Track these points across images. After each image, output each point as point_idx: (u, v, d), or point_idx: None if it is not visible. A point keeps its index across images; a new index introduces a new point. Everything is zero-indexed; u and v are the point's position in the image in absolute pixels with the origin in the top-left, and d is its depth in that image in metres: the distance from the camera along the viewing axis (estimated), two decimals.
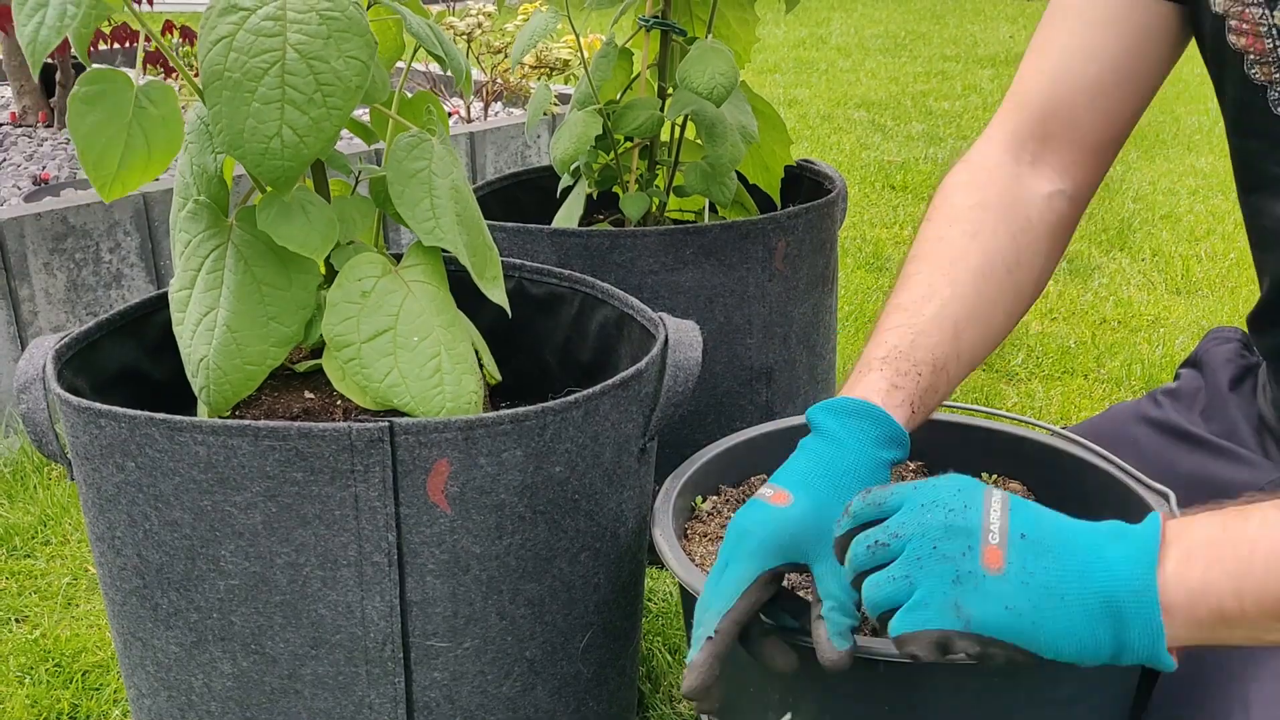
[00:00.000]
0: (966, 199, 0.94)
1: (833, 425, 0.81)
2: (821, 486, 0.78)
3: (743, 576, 0.76)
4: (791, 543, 0.77)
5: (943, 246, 0.91)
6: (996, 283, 0.90)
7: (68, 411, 0.90)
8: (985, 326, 0.90)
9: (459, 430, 0.86)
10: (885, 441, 0.81)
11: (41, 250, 1.85)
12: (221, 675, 0.91)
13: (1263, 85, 0.88)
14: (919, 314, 0.87)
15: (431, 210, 0.93)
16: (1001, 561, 0.65)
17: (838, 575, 0.75)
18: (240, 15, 0.82)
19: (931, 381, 0.85)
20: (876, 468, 0.80)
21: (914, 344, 0.85)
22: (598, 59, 1.45)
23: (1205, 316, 2.40)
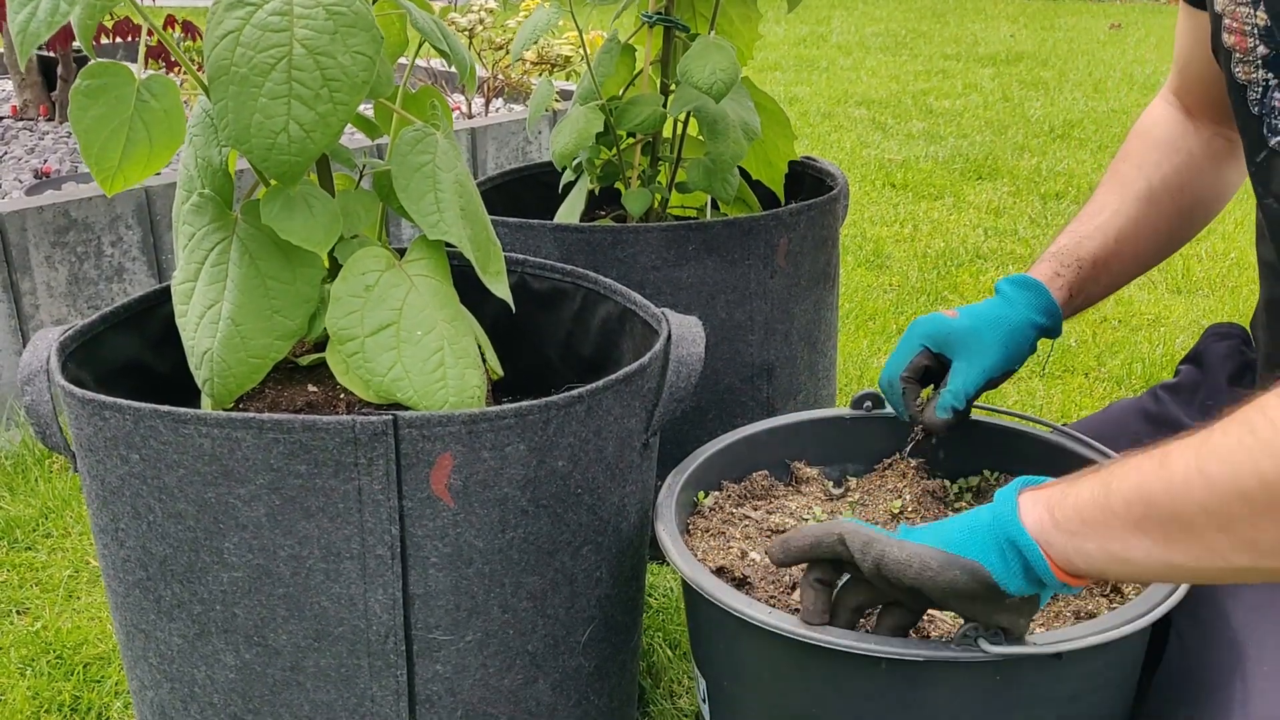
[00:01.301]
0: (1140, 142, 1.15)
1: (1009, 290, 1.07)
2: (981, 318, 1.05)
3: (909, 348, 1.07)
4: (946, 340, 1.06)
5: (1117, 177, 1.14)
6: (1157, 204, 1.12)
7: (72, 404, 0.90)
8: (1147, 237, 1.13)
9: (462, 424, 0.86)
10: (1040, 309, 1.07)
11: (43, 243, 1.86)
12: (224, 667, 0.92)
13: (1244, 84, 0.91)
14: (1087, 223, 1.12)
15: (436, 204, 0.93)
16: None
17: (960, 375, 1.04)
18: (247, 10, 0.82)
19: (1091, 273, 1.10)
20: (1027, 326, 1.06)
21: (1079, 244, 1.11)
22: (600, 55, 1.45)
23: (1205, 315, 2.40)
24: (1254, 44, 0.90)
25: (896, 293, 2.53)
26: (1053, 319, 1.07)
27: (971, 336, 1.04)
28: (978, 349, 1.04)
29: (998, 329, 1.04)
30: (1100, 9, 7.72)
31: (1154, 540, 0.69)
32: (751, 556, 0.98)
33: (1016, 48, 5.97)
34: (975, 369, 1.04)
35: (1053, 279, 1.08)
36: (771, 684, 0.89)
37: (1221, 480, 0.65)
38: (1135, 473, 0.70)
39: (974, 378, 1.04)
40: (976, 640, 0.79)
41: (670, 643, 1.37)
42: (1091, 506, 0.71)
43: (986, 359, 1.04)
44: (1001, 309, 1.06)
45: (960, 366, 1.04)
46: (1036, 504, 0.75)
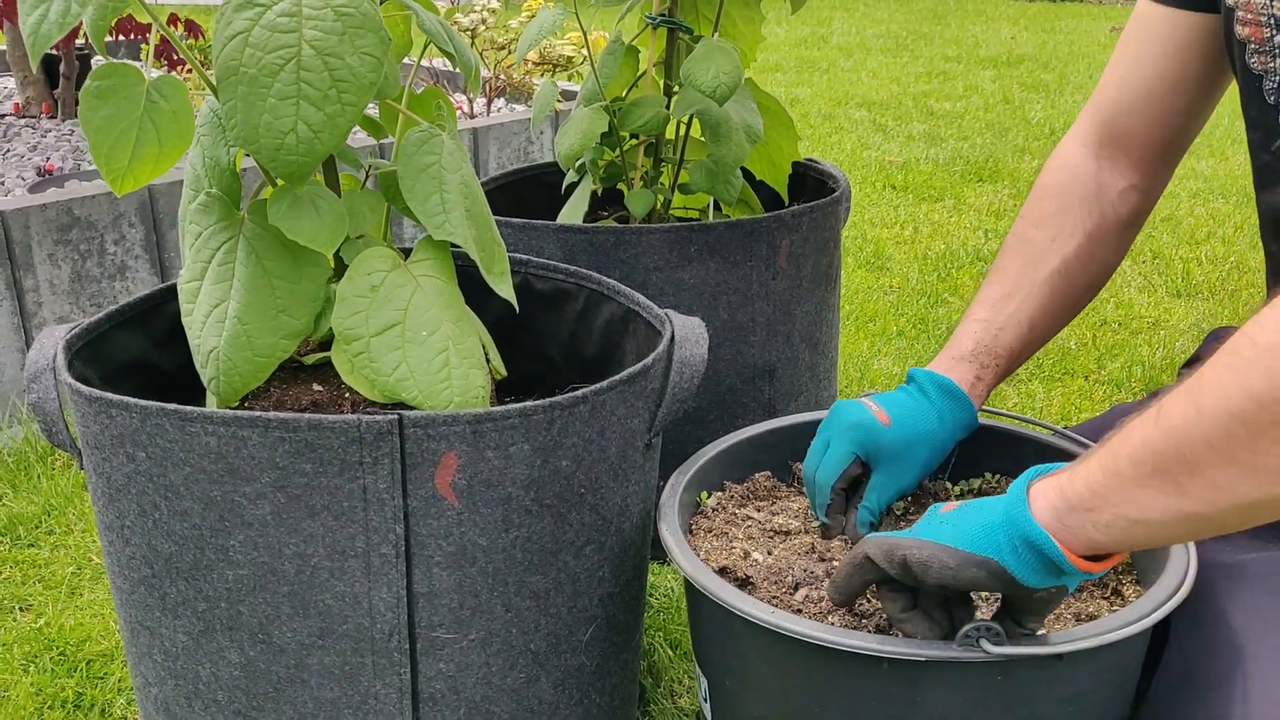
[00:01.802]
0: (1052, 203, 1.13)
1: (937, 398, 1.06)
2: (912, 430, 1.04)
3: (845, 456, 1.04)
4: (876, 452, 1.03)
5: (1027, 249, 1.12)
6: (1069, 280, 1.10)
7: (79, 401, 0.91)
8: (1055, 316, 1.12)
9: (467, 424, 0.87)
10: (964, 426, 1.07)
11: (46, 241, 1.86)
12: (229, 664, 0.92)
13: (1259, 74, 0.93)
14: (1001, 311, 1.10)
15: (441, 205, 0.94)
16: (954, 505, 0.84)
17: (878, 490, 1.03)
18: (256, 11, 0.82)
19: (1008, 367, 1.10)
20: (950, 439, 1.06)
21: (995, 339, 1.09)
22: (604, 56, 1.45)
23: (1205, 319, 2.41)
24: (1270, 33, 0.92)
25: (897, 294, 2.53)
26: (970, 431, 1.08)
27: (899, 453, 1.04)
28: (899, 468, 1.04)
29: (925, 447, 1.05)
30: (1101, 11, 7.72)
31: (1166, 493, 0.69)
32: (754, 557, 0.99)
33: (1017, 50, 5.98)
34: (891, 488, 1.05)
35: (975, 384, 1.08)
36: (773, 683, 0.89)
37: (1215, 409, 0.66)
38: (1137, 432, 0.71)
39: (889, 496, 1.05)
40: (978, 640, 0.79)
41: (671, 642, 1.37)
42: (1101, 475, 0.72)
43: (904, 479, 1.05)
44: (930, 422, 1.05)
45: (879, 481, 1.04)
46: (1047, 491, 0.76)
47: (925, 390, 1.06)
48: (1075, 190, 1.12)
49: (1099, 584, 0.97)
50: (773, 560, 0.98)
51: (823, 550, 1.00)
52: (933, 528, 0.81)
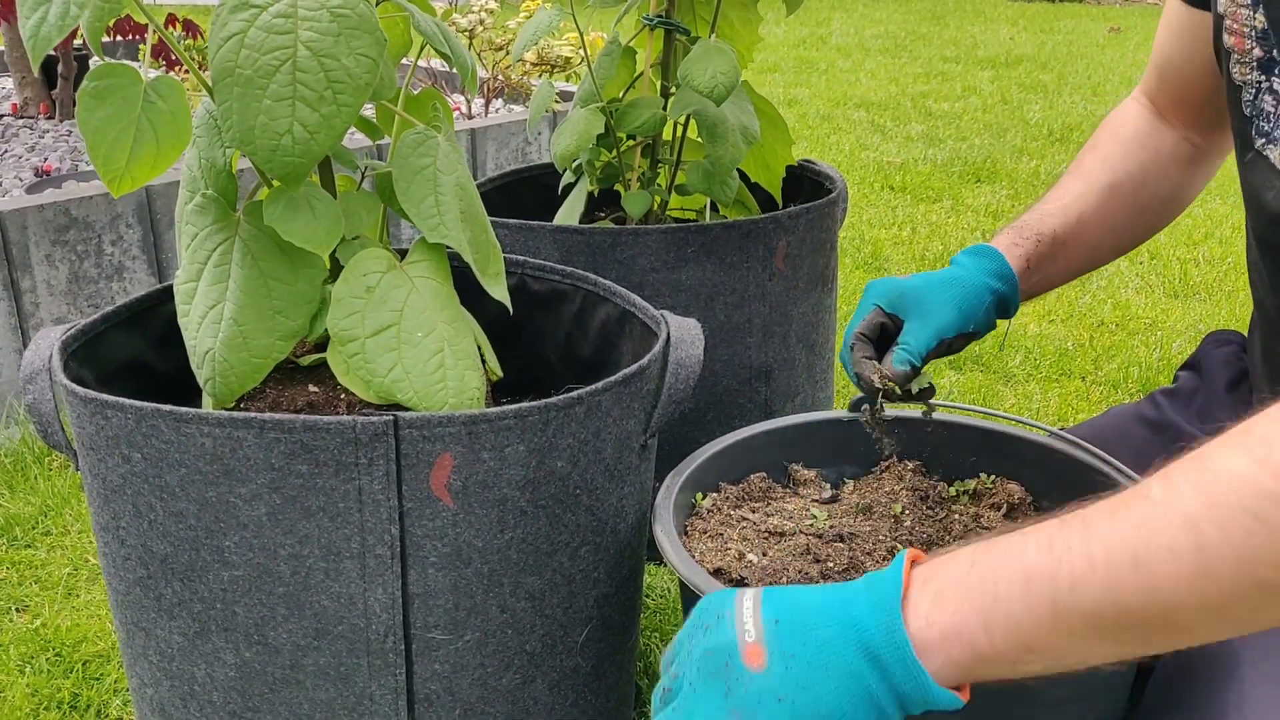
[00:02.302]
0: (1108, 135, 1.17)
1: (963, 259, 1.08)
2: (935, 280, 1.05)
3: (864, 308, 1.05)
4: (898, 300, 1.04)
5: (1082, 167, 1.15)
6: (1120, 195, 1.13)
7: (74, 402, 0.91)
8: (1106, 225, 1.13)
9: (462, 425, 0.87)
10: (995, 274, 1.06)
11: (43, 242, 1.86)
12: (224, 665, 0.92)
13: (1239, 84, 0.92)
14: (1050, 202, 1.13)
15: (436, 207, 0.94)
16: (762, 656, 0.64)
17: (913, 334, 1.02)
18: (252, 12, 0.82)
19: (1050, 250, 1.09)
20: (982, 289, 1.05)
21: (1040, 220, 1.11)
22: (601, 57, 1.45)
23: (1202, 320, 2.41)
24: (1250, 46, 0.91)
25: None
26: (1008, 285, 1.07)
27: (924, 295, 1.04)
28: (930, 308, 1.03)
29: (950, 289, 1.04)
30: (1099, 12, 7.73)
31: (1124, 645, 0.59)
32: (749, 558, 0.99)
33: (1016, 51, 5.98)
34: (928, 328, 1.03)
35: (1010, 248, 1.09)
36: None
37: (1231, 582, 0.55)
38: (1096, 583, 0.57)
39: (926, 336, 1.02)
40: None
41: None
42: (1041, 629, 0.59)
43: (939, 318, 1.03)
44: (955, 272, 1.06)
45: (913, 326, 1.03)
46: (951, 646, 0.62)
47: (955, 260, 1.09)
48: (1130, 128, 1.16)
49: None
50: (767, 562, 0.98)
51: (818, 552, 1.00)
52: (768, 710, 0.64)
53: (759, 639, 0.65)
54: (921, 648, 0.62)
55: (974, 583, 0.61)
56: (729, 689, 0.65)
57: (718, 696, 0.65)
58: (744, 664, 0.64)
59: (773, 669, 0.63)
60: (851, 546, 1.04)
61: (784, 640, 0.64)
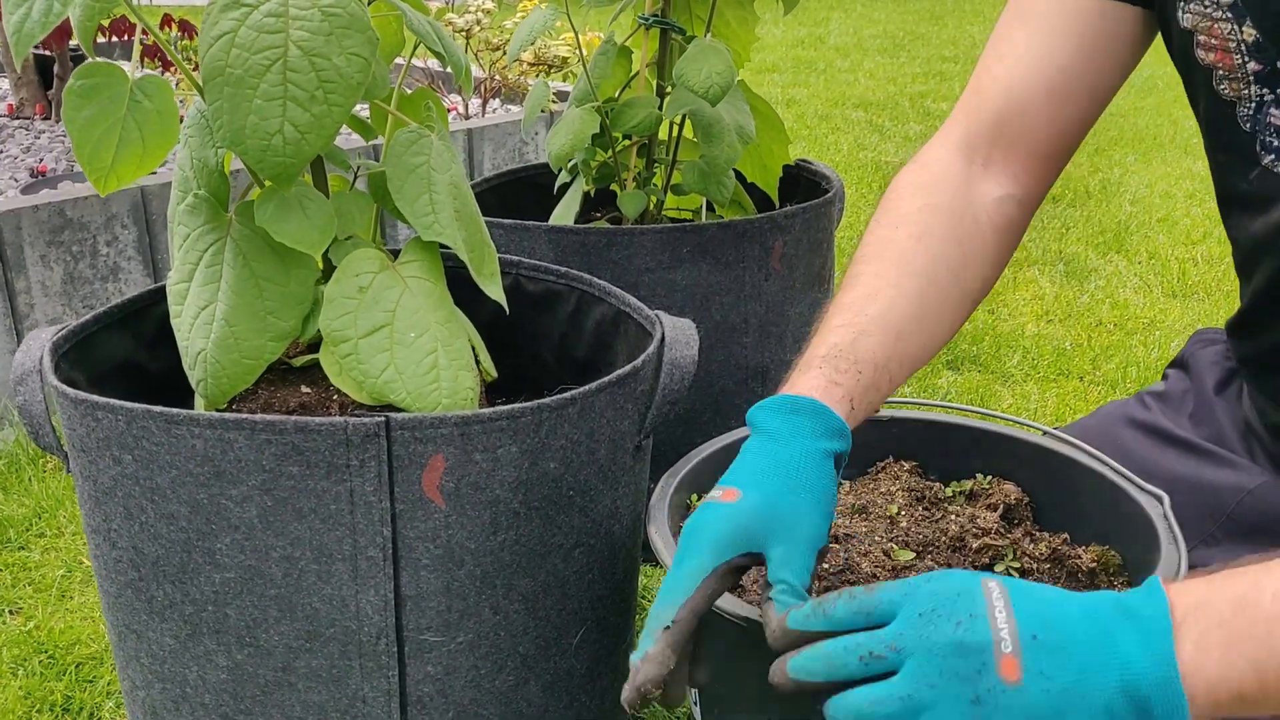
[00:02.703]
0: (915, 201, 0.93)
1: (773, 423, 0.80)
2: (769, 479, 0.77)
3: (700, 568, 0.74)
4: (745, 534, 0.75)
5: (889, 249, 0.91)
6: (940, 287, 0.90)
7: (65, 404, 0.91)
8: (928, 329, 0.90)
9: (455, 426, 0.86)
10: (825, 434, 0.79)
11: (38, 243, 1.86)
12: (216, 668, 0.92)
13: (1232, 101, 0.88)
14: (862, 314, 0.87)
15: (430, 205, 0.94)
16: (1018, 672, 0.61)
17: (788, 562, 0.74)
18: (242, 11, 0.82)
19: (872, 379, 0.84)
20: (821, 459, 0.78)
21: (855, 343, 0.85)
22: (597, 56, 1.45)
23: (1201, 319, 2.41)
24: (1241, 60, 0.85)
25: None
26: (844, 440, 0.81)
27: (769, 515, 0.75)
28: (786, 527, 0.75)
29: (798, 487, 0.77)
30: None
31: None
32: None
33: None
34: (801, 547, 0.75)
35: (829, 390, 0.82)
36: (760, 687, 0.89)
37: None
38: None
39: (804, 558, 0.75)
40: None
41: None
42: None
43: (807, 529, 0.76)
44: (783, 454, 0.78)
45: (777, 555, 0.75)
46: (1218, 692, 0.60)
47: (759, 425, 0.81)
48: (943, 189, 0.94)
49: (1090, 585, 0.96)
50: None
51: None
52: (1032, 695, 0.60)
53: (1015, 650, 0.61)
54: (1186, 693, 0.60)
55: (1244, 627, 0.60)
56: (978, 697, 0.61)
57: (964, 702, 0.61)
58: (999, 675, 0.61)
59: (1028, 688, 0.60)
60: (847, 547, 1.03)
61: (1042, 661, 0.61)
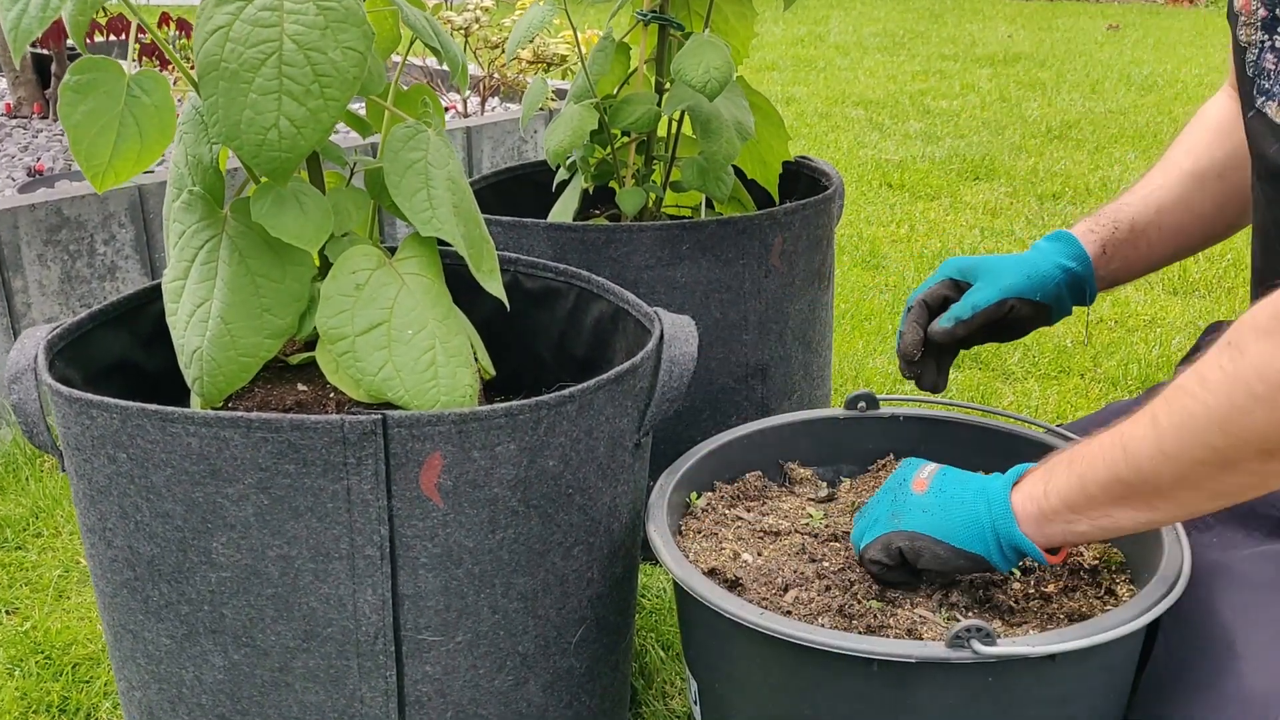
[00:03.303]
0: (1193, 127, 1.18)
1: (1039, 243, 1.13)
2: (1006, 258, 1.11)
3: (935, 277, 1.13)
4: (971, 268, 1.11)
5: (1165, 159, 1.17)
6: (1204, 183, 1.14)
7: (59, 402, 0.90)
8: (1191, 213, 1.14)
9: (452, 424, 0.86)
10: (1068, 254, 1.11)
11: (35, 242, 1.85)
12: (212, 668, 0.91)
13: (1244, 47, 0.96)
14: (1131, 194, 1.15)
15: (429, 201, 0.93)
16: (925, 486, 0.92)
17: (976, 291, 1.09)
18: (237, 5, 0.81)
19: (1129, 237, 1.13)
20: (1053, 266, 1.10)
21: (1118, 208, 1.14)
22: (595, 53, 1.44)
23: (1201, 316, 2.40)
24: (1256, 6, 0.94)
25: (892, 293, 2.52)
26: (1082, 265, 1.11)
27: (994, 262, 1.09)
28: (998, 272, 1.09)
29: (1021, 262, 1.09)
30: (1098, 10, 7.72)
31: (1137, 509, 0.81)
32: (744, 558, 0.98)
33: (1014, 48, 5.97)
34: (992, 287, 1.08)
35: (1086, 234, 1.12)
36: (762, 685, 0.88)
37: (1180, 455, 0.77)
38: (1101, 461, 0.81)
39: (987, 294, 1.08)
40: (969, 641, 0.78)
41: (663, 644, 1.36)
42: (1074, 495, 0.83)
43: (1005, 279, 1.08)
44: (1029, 253, 1.11)
45: (977, 286, 1.09)
46: (1026, 505, 0.86)
47: (1034, 245, 1.13)
48: (1215, 115, 1.16)
49: (1092, 583, 0.96)
50: (762, 561, 0.97)
51: (813, 551, 0.99)
52: (914, 515, 0.91)
53: (927, 478, 0.93)
54: (1014, 506, 0.87)
55: (1045, 468, 0.87)
56: (895, 499, 0.93)
57: (887, 503, 0.94)
58: (911, 488, 0.93)
59: (928, 493, 0.91)
60: (848, 546, 1.02)
61: (941, 481, 0.92)
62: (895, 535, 0.91)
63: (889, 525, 0.92)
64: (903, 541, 0.90)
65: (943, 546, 0.89)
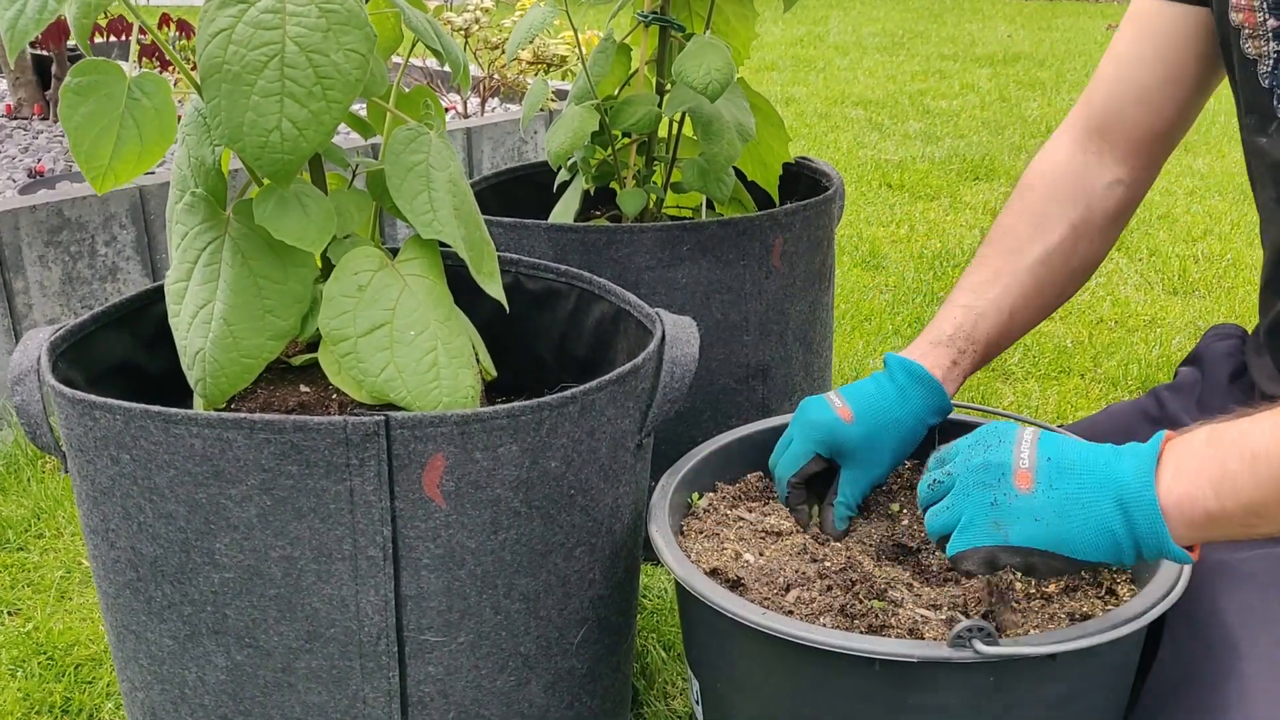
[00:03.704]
0: (1037, 194, 1.13)
1: (905, 382, 1.03)
2: (877, 422, 1.02)
3: (803, 453, 1.03)
4: (839, 448, 1.02)
5: (1010, 238, 1.12)
6: (1052, 270, 1.10)
7: (62, 404, 0.90)
8: (1037, 307, 1.11)
9: (455, 425, 0.86)
10: (935, 410, 1.04)
11: (36, 243, 1.85)
12: (215, 669, 0.91)
13: (1254, 59, 0.95)
14: (982, 297, 1.08)
15: (429, 203, 0.93)
16: (1031, 482, 0.78)
17: (851, 484, 1.03)
18: (239, 8, 0.81)
19: (984, 354, 1.08)
20: (919, 425, 1.04)
21: (975, 325, 1.07)
22: (596, 54, 1.44)
23: (1201, 317, 2.40)
24: (1264, 18, 0.93)
25: (892, 293, 2.53)
26: (944, 416, 1.06)
27: (864, 446, 1.02)
28: (870, 460, 1.03)
29: (891, 437, 1.03)
30: (1097, 9, 7.72)
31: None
32: (745, 558, 0.98)
33: (1014, 48, 5.97)
34: (865, 479, 1.04)
35: (950, 369, 1.06)
36: (763, 685, 0.88)
37: None
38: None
39: (863, 488, 1.04)
40: (970, 641, 0.79)
41: (665, 644, 1.36)
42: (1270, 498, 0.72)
43: (876, 469, 1.04)
44: (898, 409, 1.03)
45: (851, 476, 1.04)
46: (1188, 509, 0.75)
47: (894, 377, 1.04)
48: (1061, 183, 1.12)
49: (1094, 583, 0.96)
50: (764, 561, 0.97)
51: (815, 551, 0.99)
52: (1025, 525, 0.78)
53: (1031, 468, 0.79)
54: (1163, 509, 0.75)
55: (1208, 458, 0.75)
56: (995, 500, 0.79)
57: (984, 504, 0.79)
58: (1014, 483, 0.78)
59: (1037, 494, 0.77)
60: (849, 545, 1.03)
61: (1052, 477, 0.78)
62: (1002, 552, 0.79)
63: (991, 536, 0.79)
64: (1013, 559, 0.79)
65: (1061, 560, 0.78)
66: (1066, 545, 0.77)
